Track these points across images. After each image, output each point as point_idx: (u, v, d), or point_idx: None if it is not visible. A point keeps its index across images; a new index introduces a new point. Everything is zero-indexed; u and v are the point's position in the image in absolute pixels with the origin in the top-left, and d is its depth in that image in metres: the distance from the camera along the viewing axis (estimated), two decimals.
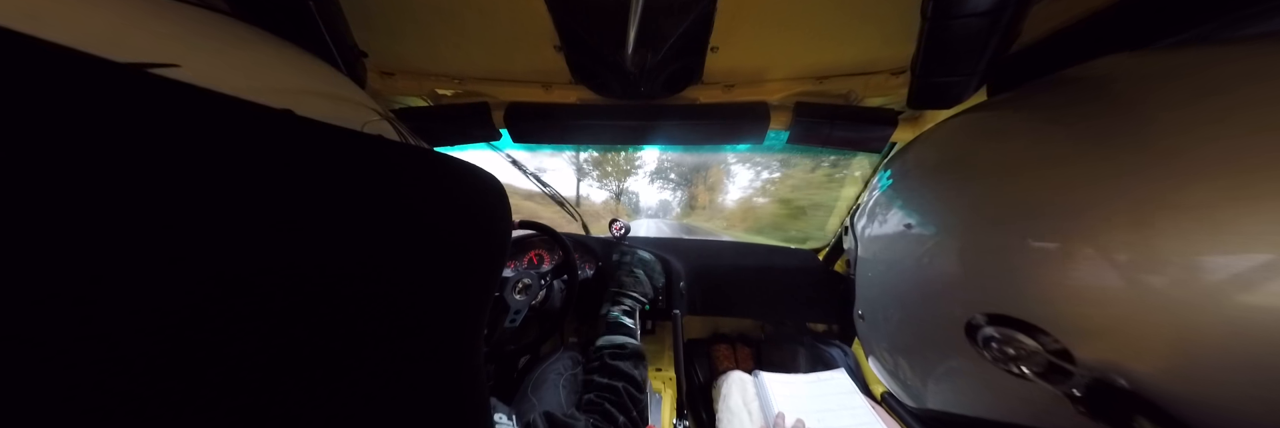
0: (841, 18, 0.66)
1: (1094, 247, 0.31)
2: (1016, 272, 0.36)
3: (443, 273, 0.33)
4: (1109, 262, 0.30)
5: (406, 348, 0.29)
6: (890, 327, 0.55)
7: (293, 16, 0.50)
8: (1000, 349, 0.36)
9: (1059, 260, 0.33)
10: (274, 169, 0.20)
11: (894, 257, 0.52)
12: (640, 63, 0.72)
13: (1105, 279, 0.30)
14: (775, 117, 0.89)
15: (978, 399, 0.44)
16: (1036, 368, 0.34)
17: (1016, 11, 0.47)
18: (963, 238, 0.42)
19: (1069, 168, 0.35)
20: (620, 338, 0.85)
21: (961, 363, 0.41)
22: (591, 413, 0.67)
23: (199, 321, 0.17)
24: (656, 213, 2.94)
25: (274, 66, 0.38)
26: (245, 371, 0.19)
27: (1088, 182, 0.33)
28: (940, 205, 0.47)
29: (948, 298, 0.42)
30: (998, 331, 0.36)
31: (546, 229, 1.31)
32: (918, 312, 0.48)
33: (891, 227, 0.52)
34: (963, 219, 0.43)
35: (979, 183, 0.43)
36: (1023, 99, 0.47)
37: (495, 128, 0.97)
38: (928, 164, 0.53)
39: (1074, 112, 0.38)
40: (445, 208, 0.34)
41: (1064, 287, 0.32)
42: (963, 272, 0.41)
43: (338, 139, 0.26)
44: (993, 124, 0.48)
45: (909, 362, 0.52)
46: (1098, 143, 0.34)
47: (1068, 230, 0.33)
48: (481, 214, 0.38)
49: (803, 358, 1.42)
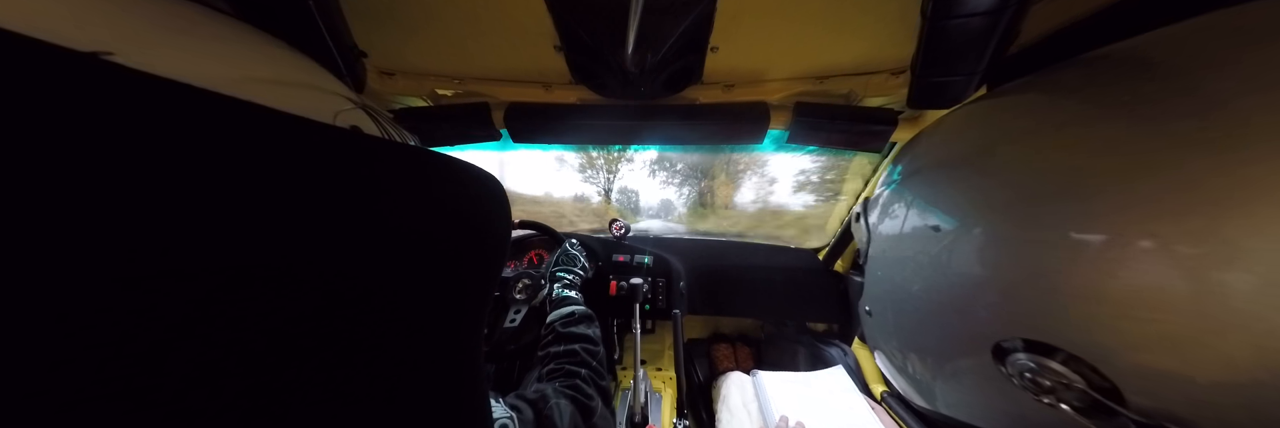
0: (841, 18, 0.66)
1: (1151, 237, 0.25)
2: (1059, 292, 0.30)
3: (433, 273, 0.32)
4: (1171, 256, 0.24)
5: (402, 349, 0.28)
6: (902, 327, 0.53)
7: (293, 16, 0.50)
8: (1033, 379, 0.32)
9: (1107, 259, 0.27)
10: (213, 162, 0.19)
11: (910, 256, 0.49)
12: (640, 63, 0.72)
13: (1169, 280, 0.24)
14: (775, 116, 0.89)
15: (990, 412, 0.40)
16: (1076, 403, 0.30)
17: (1016, 11, 0.47)
18: (986, 232, 0.37)
19: (1108, 145, 0.30)
20: (566, 308, 0.89)
21: (979, 378, 0.38)
22: (554, 378, 0.70)
23: (168, 323, 0.17)
24: (659, 213, 2.89)
25: (232, 54, 0.36)
26: (233, 376, 0.19)
27: (1130, 160, 0.28)
28: (963, 201, 0.42)
29: (972, 313, 0.38)
30: (1033, 359, 0.32)
31: (547, 229, 1.31)
32: (935, 320, 0.44)
33: (907, 224, 0.50)
34: (985, 211, 0.38)
35: (1000, 170, 0.39)
36: (1040, 82, 0.43)
37: (495, 128, 0.97)
38: (944, 156, 0.51)
39: (1108, 88, 0.34)
40: (429, 205, 0.33)
41: (1110, 299, 0.27)
42: (991, 277, 0.36)
43: (297, 130, 0.24)
44: (1007, 112, 0.45)
45: (920, 364, 0.50)
46: (1142, 115, 0.29)
47: (1118, 220, 0.27)
48: (474, 213, 0.37)
49: (802, 357, 1.42)
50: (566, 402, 0.61)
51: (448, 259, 0.34)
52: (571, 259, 1.13)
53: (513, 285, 1.21)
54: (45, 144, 0.15)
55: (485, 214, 0.39)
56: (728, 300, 1.44)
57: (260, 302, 0.20)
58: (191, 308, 0.18)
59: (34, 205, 0.15)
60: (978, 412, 0.42)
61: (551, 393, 0.62)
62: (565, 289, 1.00)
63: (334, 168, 0.25)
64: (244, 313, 0.19)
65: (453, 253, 0.34)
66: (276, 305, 0.21)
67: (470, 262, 0.37)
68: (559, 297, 0.96)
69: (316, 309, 0.23)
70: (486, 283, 0.41)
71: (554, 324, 0.85)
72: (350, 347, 0.25)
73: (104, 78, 0.17)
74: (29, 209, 0.14)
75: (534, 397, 0.60)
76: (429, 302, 0.31)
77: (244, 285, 0.19)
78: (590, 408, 0.64)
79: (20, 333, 0.14)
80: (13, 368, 0.14)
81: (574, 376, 0.70)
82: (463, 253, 0.35)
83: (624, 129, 0.95)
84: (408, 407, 0.28)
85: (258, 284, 0.20)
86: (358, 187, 0.26)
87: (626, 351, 1.37)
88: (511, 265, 1.36)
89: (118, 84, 0.17)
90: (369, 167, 0.28)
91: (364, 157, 0.28)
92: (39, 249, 0.15)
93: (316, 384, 0.23)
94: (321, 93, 0.41)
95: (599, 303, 1.23)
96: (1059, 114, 0.38)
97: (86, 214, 0.15)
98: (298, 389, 0.22)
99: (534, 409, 0.57)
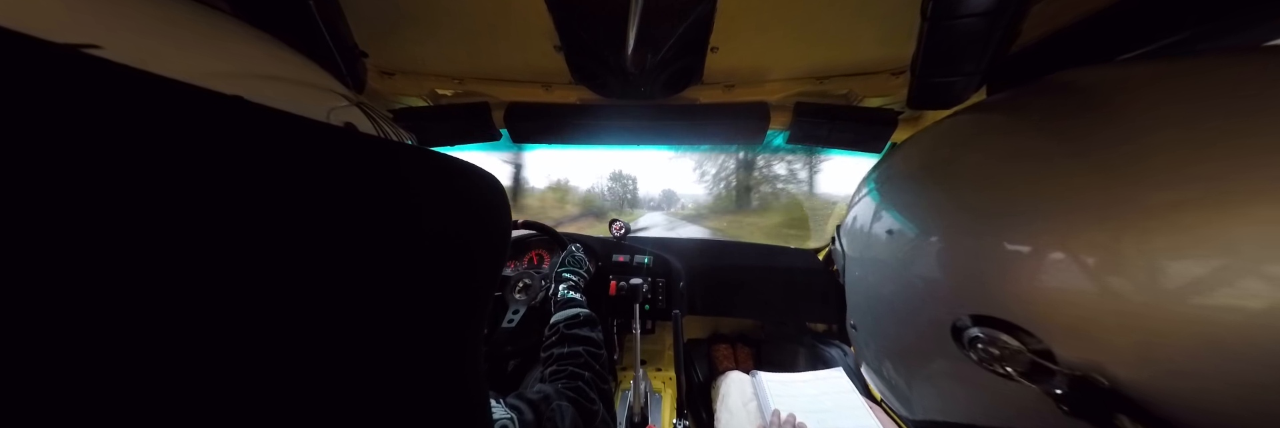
0: (841, 18, 0.66)
1: (1064, 249, 0.32)
2: (997, 273, 0.36)
3: (452, 272, 0.32)
4: (1079, 264, 0.31)
5: (407, 348, 0.29)
6: (877, 332, 0.55)
7: (293, 16, 0.50)
8: (985, 350, 0.36)
9: (1034, 262, 0.33)
10: (211, 161, 0.19)
11: (876, 259, 0.52)
12: (640, 63, 0.72)
13: (1077, 281, 0.31)
14: (775, 117, 0.89)
15: (964, 402, 0.44)
16: (1020, 367, 0.34)
17: (1017, 12, 0.47)
18: (942, 240, 0.42)
19: (1042, 169, 0.36)
20: (571, 311, 0.89)
21: (947, 366, 0.42)
22: (557, 379, 0.69)
23: (185, 319, 0.17)
24: (660, 205, 2.87)
25: (223, 49, 0.35)
26: (235, 373, 0.19)
27: (1059, 182, 0.34)
28: (920, 209, 0.47)
29: (932, 301, 0.43)
30: (982, 331, 0.36)
31: (547, 229, 1.31)
32: (903, 316, 0.48)
33: (873, 231, 0.53)
34: (941, 221, 0.43)
35: (956, 185, 0.44)
36: (1004, 103, 0.48)
37: (495, 128, 0.97)
38: (909, 168, 0.54)
39: (1052, 115, 0.39)
40: (451, 206, 0.33)
41: (1040, 288, 0.33)
42: (945, 274, 0.41)
43: (291, 127, 0.24)
44: (969, 129, 0.49)
45: (896, 368, 0.52)
46: (1072, 144, 0.35)
47: (1040, 232, 0.34)
48: (483, 213, 0.37)
49: (803, 358, 1.43)
50: (568, 404, 0.61)
51: (464, 258, 0.34)
52: (578, 262, 1.14)
53: (513, 285, 1.21)
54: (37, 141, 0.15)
55: (492, 214, 0.39)
56: (728, 301, 1.44)
57: (270, 297, 0.20)
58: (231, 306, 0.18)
59: (38, 206, 0.15)
60: (950, 406, 0.45)
61: (554, 394, 0.62)
62: (570, 291, 1.00)
63: (324, 165, 0.25)
64: (248, 308, 0.19)
65: (468, 252, 0.35)
66: (287, 302, 0.21)
67: (483, 261, 0.37)
68: (564, 298, 0.97)
69: (326, 307, 0.23)
70: (491, 282, 0.41)
71: (559, 325, 0.85)
72: (371, 343, 0.25)
73: (86, 73, 0.17)
74: (31, 209, 0.14)
75: (535, 397, 0.60)
76: (438, 298, 0.32)
77: (261, 280, 0.20)
78: (592, 412, 0.64)
79: (31, 335, 0.14)
80: (18, 368, 0.14)
81: (577, 378, 0.69)
82: (475, 252, 0.36)
83: (624, 129, 0.96)
84: (410, 406, 0.28)
85: (297, 284, 0.20)
86: (397, 191, 0.27)
87: (626, 351, 1.37)
88: (511, 266, 1.36)
89: (103, 79, 0.17)
90: (400, 171, 0.29)
91: (392, 160, 0.29)
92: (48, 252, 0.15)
93: (321, 384, 0.23)
94: (315, 89, 0.40)
95: (599, 303, 1.23)
96: (1005, 137, 0.43)
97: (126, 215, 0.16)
98: (311, 387, 0.22)
99: (535, 410, 0.57)
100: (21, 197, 0.14)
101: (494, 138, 1.01)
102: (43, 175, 0.15)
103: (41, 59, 0.16)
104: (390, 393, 0.27)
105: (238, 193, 0.20)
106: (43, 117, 0.15)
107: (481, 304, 0.40)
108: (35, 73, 0.15)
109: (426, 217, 0.31)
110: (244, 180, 0.20)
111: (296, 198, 0.22)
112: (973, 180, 0.42)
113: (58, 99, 0.15)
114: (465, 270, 0.35)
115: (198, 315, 0.18)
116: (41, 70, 0.15)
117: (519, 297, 1.18)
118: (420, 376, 0.30)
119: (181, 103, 0.19)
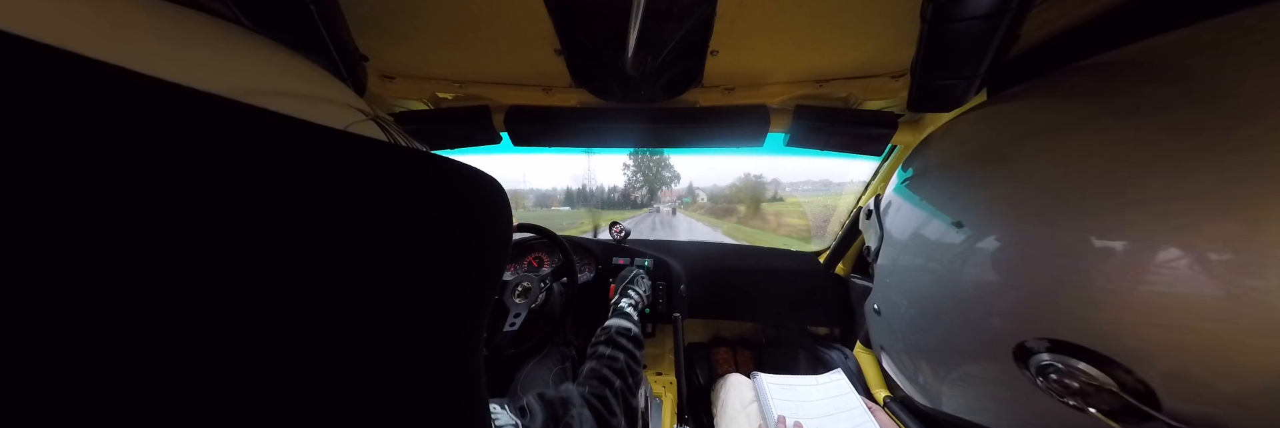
0: (841, 21, 0.66)
1: (1180, 244, 0.23)
2: (1087, 296, 0.29)
3: (447, 273, 0.32)
4: (1202, 263, 0.23)
5: (410, 349, 0.28)
6: (915, 327, 0.52)
7: (294, 20, 0.50)
8: (1058, 381, 0.31)
9: (1133, 264, 0.26)
10: (256, 170, 0.20)
11: (924, 258, 0.48)
12: (640, 66, 0.72)
13: (1198, 290, 0.23)
14: (775, 119, 0.89)
15: (1011, 419, 0.39)
16: (1104, 406, 0.28)
17: (1016, 15, 0.47)
18: (1009, 238, 0.36)
19: (1139, 152, 0.29)
20: (628, 323, 0.90)
21: (998, 381, 0.37)
22: (590, 380, 0.68)
23: (199, 320, 0.17)
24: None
25: (240, 65, 0.36)
26: (238, 373, 0.19)
27: (1172, 166, 0.26)
28: (982, 201, 0.41)
29: (992, 314, 0.37)
30: (1058, 360, 0.31)
31: (546, 232, 1.30)
32: (954, 318, 0.43)
33: (923, 226, 0.48)
34: (1010, 217, 0.37)
35: (1025, 175, 0.37)
36: (1056, 89, 0.43)
37: (496, 131, 0.97)
38: (962, 156, 0.49)
39: (1124, 97, 0.34)
40: (463, 211, 0.34)
41: (1143, 306, 0.26)
42: (1012, 283, 0.35)
43: (324, 140, 0.25)
44: (1031, 114, 0.44)
45: (930, 364, 0.49)
46: (1170, 124, 0.28)
47: (1145, 225, 0.26)
48: (487, 216, 0.38)
49: (803, 361, 1.42)
50: (589, 413, 0.59)
51: (467, 260, 0.34)
52: (641, 282, 1.21)
53: (512, 289, 1.21)
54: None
55: (495, 217, 0.39)
56: (728, 304, 1.44)
57: (283, 301, 0.20)
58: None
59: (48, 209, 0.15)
60: (989, 414, 0.42)
61: (577, 400, 0.60)
62: (630, 307, 1.05)
63: (355, 175, 0.26)
64: (257, 311, 0.19)
65: (471, 254, 0.35)
66: (300, 306, 0.21)
67: (486, 263, 0.37)
68: (623, 310, 1.00)
69: (336, 310, 0.23)
70: (492, 283, 0.41)
71: (612, 329, 0.86)
72: (372, 343, 0.25)
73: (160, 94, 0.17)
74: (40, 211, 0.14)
75: (555, 399, 0.58)
76: (446, 302, 0.32)
77: (275, 284, 0.20)
78: (612, 426, 0.62)
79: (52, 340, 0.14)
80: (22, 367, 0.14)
81: (608, 384, 0.68)
82: (477, 254, 0.36)
83: (625, 132, 0.96)
84: (410, 407, 0.28)
85: (290, 284, 0.20)
86: (409, 194, 0.28)
87: None
88: (511, 269, 1.36)
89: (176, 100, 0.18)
90: (411, 174, 0.29)
91: (407, 164, 0.30)
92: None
93: (322, 385, 0.22)
94: (333, 105, 0.41)
95: (598, 306, 1.23)
96: (1073, 118, 0.37)
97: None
98: (311, 388, 0.22)
99: (550, 412, 0.55)
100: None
101: (494, 141, 1.01)
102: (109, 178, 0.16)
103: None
104: (390, 393, 0.26)
105: (295, 204, 0.21)
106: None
107: (482, 307, 0.39)
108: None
109: (435, 219, 0.31)
110: (276, 187, 0.21)
111: (344, 203, 0.23)
112: (1037, 168, 0.35)
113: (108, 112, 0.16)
114: (467, 273, 0.35)
115: (209, 308, 0.18)
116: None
117: (518, 301, 1.18)
118: (420, 377, 0.30)
119: (274, 141, 0.21)
